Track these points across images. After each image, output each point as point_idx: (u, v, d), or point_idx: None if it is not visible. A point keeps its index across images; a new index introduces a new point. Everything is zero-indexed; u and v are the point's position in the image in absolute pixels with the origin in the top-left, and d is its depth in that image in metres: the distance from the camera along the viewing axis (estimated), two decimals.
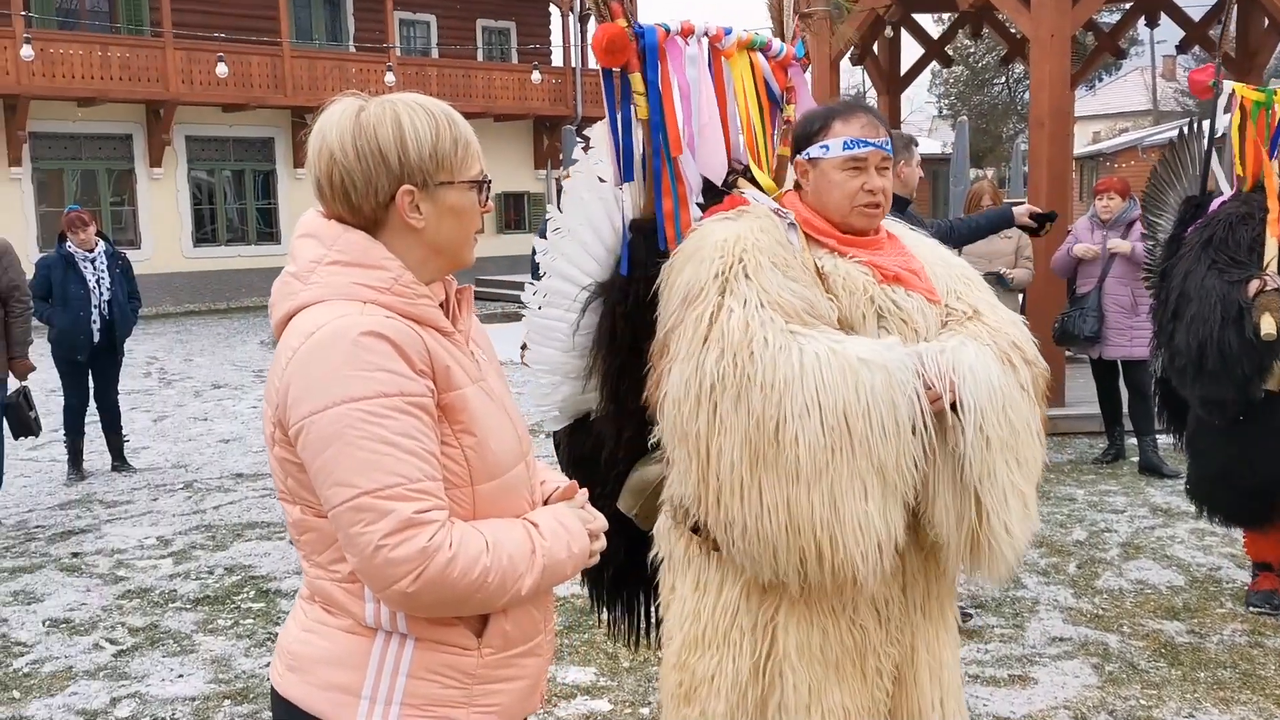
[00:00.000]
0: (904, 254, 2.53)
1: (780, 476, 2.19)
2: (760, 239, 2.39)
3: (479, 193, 1.82)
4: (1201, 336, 4.52)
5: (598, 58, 2.59)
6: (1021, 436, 2.35)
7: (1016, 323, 2.54)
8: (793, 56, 2.94)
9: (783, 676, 2.40)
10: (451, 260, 1.84)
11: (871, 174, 2.45)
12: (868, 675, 2.43)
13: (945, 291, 2.54)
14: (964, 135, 15.36)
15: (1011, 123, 40.50)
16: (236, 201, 23.83)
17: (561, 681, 4.29)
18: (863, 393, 2.19)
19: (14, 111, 19.97)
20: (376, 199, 1.75)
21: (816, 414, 2.17)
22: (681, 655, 2.52)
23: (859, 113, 2.51)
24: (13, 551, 6.25)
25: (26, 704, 4.25)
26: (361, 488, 1.60)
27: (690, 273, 2.39)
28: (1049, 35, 8.33)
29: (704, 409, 2.24)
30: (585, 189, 2.74)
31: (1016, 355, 2.43)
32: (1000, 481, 2.31)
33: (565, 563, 1.81)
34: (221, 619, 5.11)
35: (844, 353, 2.22)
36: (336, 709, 1.73)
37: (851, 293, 2.39)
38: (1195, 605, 5.01)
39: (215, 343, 16.87)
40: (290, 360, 1.68)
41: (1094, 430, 8.21)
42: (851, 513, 2.19)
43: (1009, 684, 4.24)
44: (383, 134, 1.73)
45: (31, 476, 8.17)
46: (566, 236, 2.76)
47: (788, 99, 2.91)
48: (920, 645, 2.50)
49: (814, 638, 2.38)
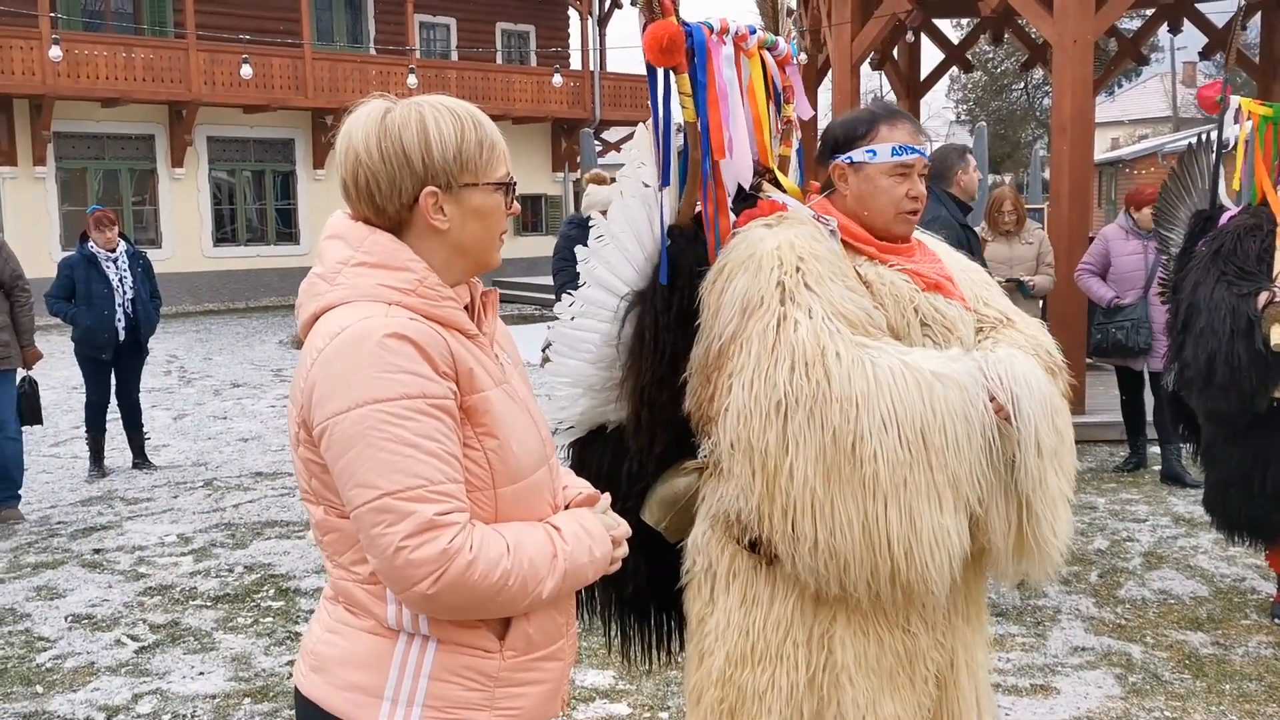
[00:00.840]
0: (937, 261, 2.53)
1: (857, 492, 2.18)
2: (814, 247, 2.36)
3: (504, 194, 1.81)
4: (1210, 349, 4.51)
5: (650, 57, 2.47)
6: (1065, 443, 2.40)
7: (1042, 329, 2.56)
8: (790, 55, 2.91)
9: (840, 688, 2.37)
10: (477, 262, 1.84)
11: (915, 180, 2.45)
12: (916, 682, 2.43)
13: (973, 298, 2.55)
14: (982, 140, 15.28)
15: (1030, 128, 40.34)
16: (256, 202, 23.95)
17: (580, 684, 4.29)
18: (938, 407, 2.20)
19: (39, 111, 20.11)
20: (401, 200, 1.75)
21: (894, 429, 2.17)
22: (727, 671, 2.46)
23: (903, 119, 2.51)
24: (35, 547, 6.29)
25: (49, 699, 4.27)
26: (383, 489, 1.60)
27: (746, 282, 2.34)
28: (1072, 41, 8.30)
29: (775, 424, 2.21)
30: (631, 194, 2.65)
31: (1052, 363, 2.47)
32: (1051, 488, 2.34)
33: (587, 567, 1.81)
34: (241, 617, 5.12)
35: (917, 366, 2.23)
36: (358, 710, 1.73)
37: (897, 301, 2.38)
38: (1219, 616, 4.97)
39: (234, 342, 16.95)
40: (315, 361, 1.68)
41: (1115, 438, 8.16)
42: (929, 526, 2.20)
43: (1031, 693, 4.21)
44: (407, 136, 1.74)
45: (54, 473, 8.22)
46: (610, 243, 2.67)
47: (786, 98, 2.88)
48: (960, 648, 2.51)
49: (870, 648, 2.37)
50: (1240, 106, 4.79)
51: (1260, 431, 4.54)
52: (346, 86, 22.70)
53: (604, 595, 2.92)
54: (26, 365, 6.93)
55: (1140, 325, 7.07)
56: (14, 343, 6.76)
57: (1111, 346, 7.23)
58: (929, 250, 2.57)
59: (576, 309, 2.73)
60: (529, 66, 27.07)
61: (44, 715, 4.13)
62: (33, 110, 20.33)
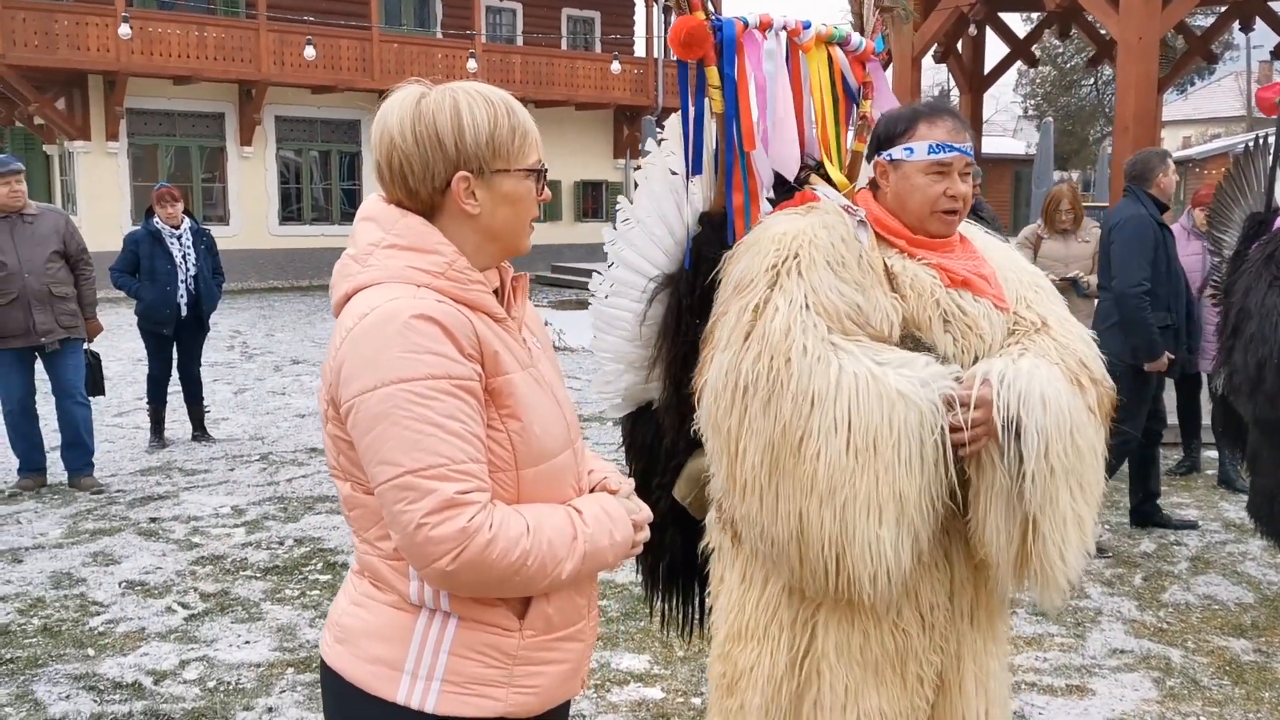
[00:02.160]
0: (975, 258, 2.49)
1: (795, 487, 2.20)
2: (820, 235, 2.37)
3: (535, 181, 1.84)
4: (1261, 355, 4.44)
5: (674, 50, 2.57)
6: (1087, 461, 2.33)
7: (1085, 339, 2.49)
8: (872, 51, 2.90)
9: (819, 674, 2.40)
10: (507, 247, 1.87)
11: (954, 179, 2.41)
12: (908, 681, 2.42)
13: (1015, 299, 2.48)
14: (1048, 136, 15.12)
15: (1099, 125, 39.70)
16: (322, 181, 24.28)
17: (615, 668, 4.34)
18: (895, 424, 2.17)
19: (113, 88, 20.55)
20: (433, 184, 1.78)
21: (844, 433, 2.17)
22: (725, 646, 2.54)
23: (944, 116, 2.46)
24: (94, 514, 6.47)
25: (100, 661, 4.41)
26: (406, 466, 1.64)
27: (745, 263, 2.39)
28: (1136, 38, 8.18)
29: (737, 406, 2.25)
30: (658, 181, 2.74)
31: (1084, 375, 2.38)
32: (1061, 508, 2.28)
33: (607, 550, 1.83)
34: (289, 589, 5.24)
35: (883, 380, 2.20)
36: (379, 681, 1.77)
37: (919, 294, 2.36)
38: (1264, 624, 4.91)
39: (296, 319, 17.22)
40: (344, 340, 1.72)
41: (1170, 441, 8.04)
42: (863, 535, 2.18)
43: (1066, 694, 4.20)
44: (441, 121, 1.77)
45: (116, 443, 8.43)
46: (636, 227, 2.77)
47: (864, 94, 2.88)
48: (966, 654, 2.48)
49: (854, 639, 2.38)
50: None
51: None
52: (413, 69, 22.88)
53: (644, 567, 3.02)
54: (89, 337, 7.11)
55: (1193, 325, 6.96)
56: (80, 314, 6.94)
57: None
58: (971, 247, 2.54)
59: (608, 288, 2.82)
60: (593, 53, 27.12)
61: (94, 677, 4.27)
62: (106, 87, 20.77)
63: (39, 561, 5.63)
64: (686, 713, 3.99)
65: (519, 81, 24.26)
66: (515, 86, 24.18)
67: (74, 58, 19.81)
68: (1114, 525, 6.33)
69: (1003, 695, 2.58)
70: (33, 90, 19.96)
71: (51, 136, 21.67)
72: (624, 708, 4.04)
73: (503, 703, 1.80)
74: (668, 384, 2.72)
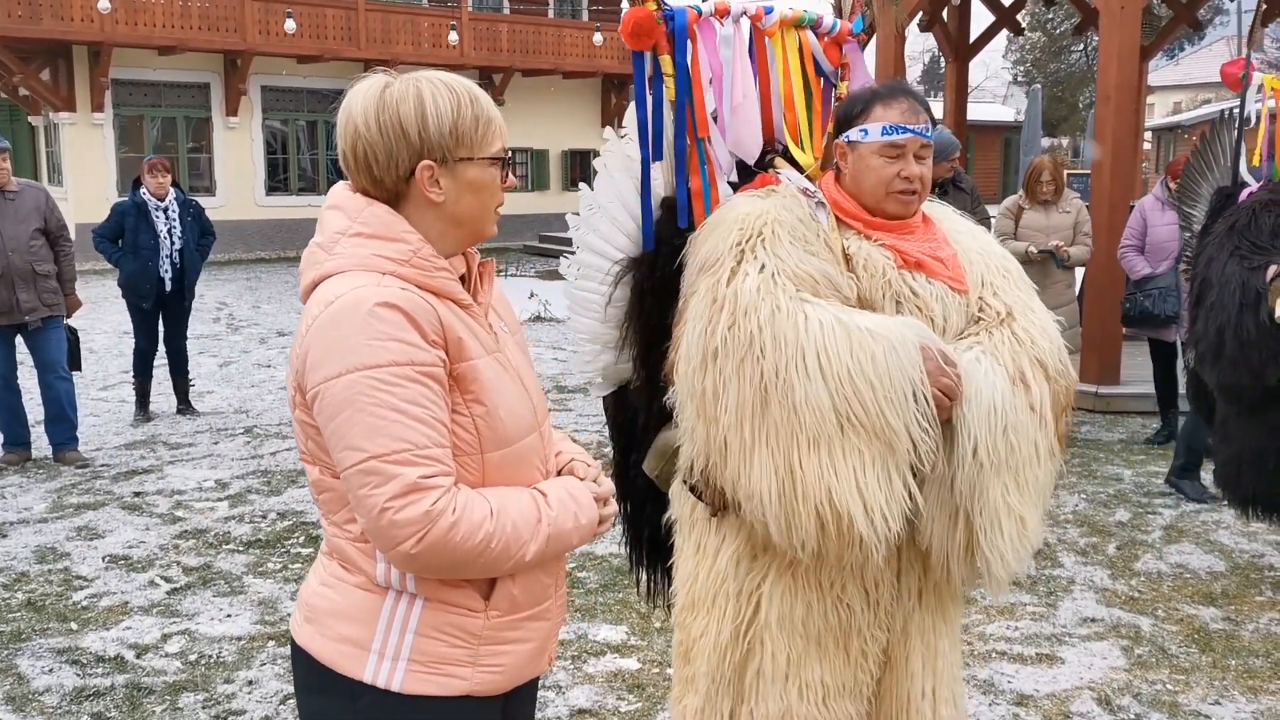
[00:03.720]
0: (934, 240, 2.49)
1: (780, 439, 2.21)
2: (783, 216, 2.40)
3: (500, 169, 1.87)
4: (1220, 322, 4.51)
5: (625, 40, 2.60)
6: (1023, 458, 2.32)
7: (1048, 331, 2.47)
8: (848, 32, 2.90)
9: (762, 644, 2.45)
10: (472, 233, 1.90)
11: (909, 161, 2.42)
12: (851, 655, 2.45)
13: (979, 283, 2.48)
14: (1036, 103, 15.13)
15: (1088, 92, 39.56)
16: (309, 151, 24.17)
17: (592, 639, 4.40)
18: (864, 359, 2.19)
19: (98, 59, 20.39)
20: (397, 173, 1.81)
21: (818, 379, 2.18)
22: (681, 615, 2.61)
23: (900, 97, 2.46)
24: (79, 489, 6.51)
25: (83, 635, 4.46)
26: (370, 452, 1.67)
27: (711, 244, 2.42)
28: (1119, 6, 8.17)
29: (711, 369, 2.27)
30: (617, 167, 2.78)
31: (1037, 371, 2.37)
32: (992, 504, 2.29)
33: (572, 532, 1.87)
34: (271, 562, 5.29)
35: (849, 321, 2.23)
36: (346, 660, 1.82)
37: (872, 275, 2.39)
38: (1234, 592, 4.98)
39: (283, 290, 17.19)
40: (310, 327, 1.76)
41: (1148, 410, 8.12)
42: (850, 478, 2.19)
43: (1035, 662, 4.27)
44: (404, 110, 1.80)
45: (101, 416, 8.46)
46: (598, 212, 2.81)
47: (842, 76, 2.89)
48: (914, 632, 2.52)
49: (797, 610, 2.41)
50: (1263, 83, 4.75)
51: (1273, 406, 4.52)
52: (399, 38, 22.81)
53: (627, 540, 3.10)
54: (68, 313, 7.12)
55: (1168, 294, 7.04)
56: (60, 290, 6.95)
57: (1140, 315, 7.20)
58: (934, 229, 2.54)
59: (575, 271, 2.87)
60: (580, 21, 26.95)
61: (77, 651, 4.32)
62: (91, 57, 20.62)
63: (23, 536, 5.67)
64: (662, 683, 4.05)
65: (506, 50, 24.12)
66: (502, 55, 24.07)
67: (58, 28, 19.64)
68: (1089, 494, 6.40)
69: (951, 674, 2.61)
70: (17, 61, 19.80)
71: (37, 108, 21.52)
72: (600, 678, 4.10)
73: (468, 681, 1.84)
74: (637, 364, 2.77)
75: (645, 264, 2.70)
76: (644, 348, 2.69)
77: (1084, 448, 7.42)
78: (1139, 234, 7.29)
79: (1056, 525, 5.81)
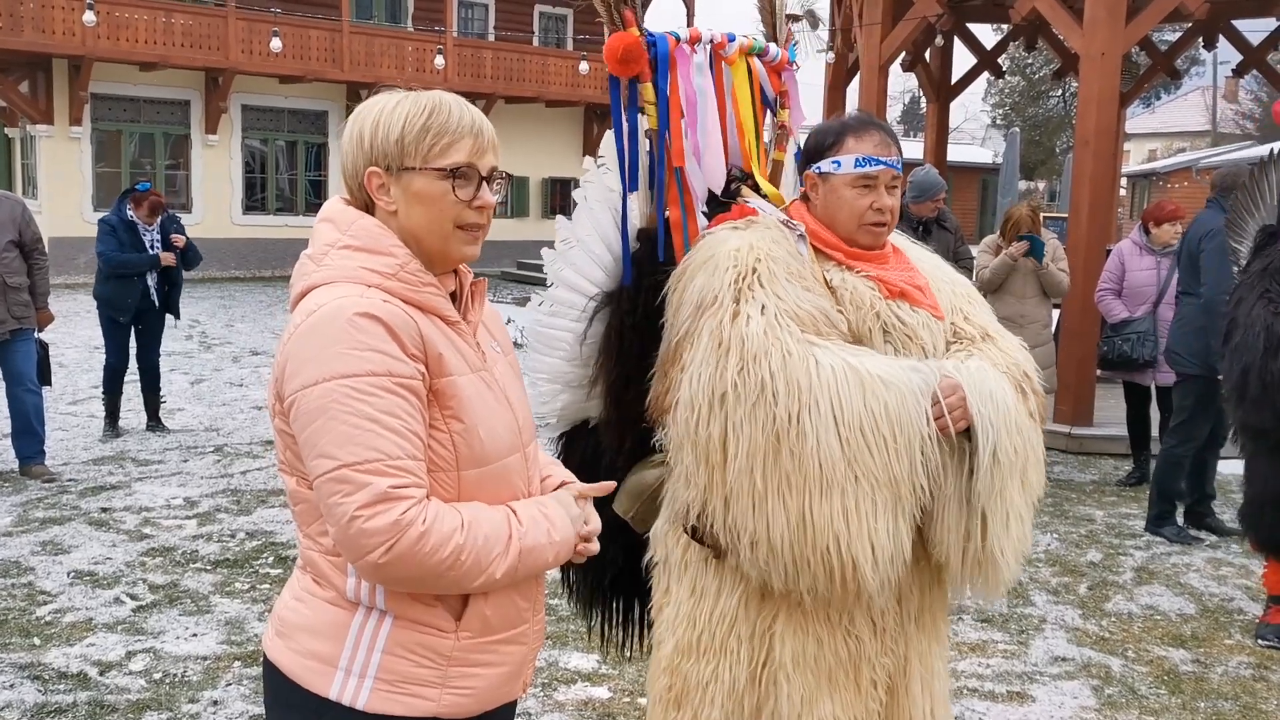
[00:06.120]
0: (909, 269, 2.53)
1: (792, 487, 2.21)
2: (773, 249, 2.40)
3: (452, 182, 1.81)
4: (1245, 363, 4.58)
5: (610, 67, 2.57)
6: (1030, 459, 2.41)
7: (1022, 349, 2.56)
8: (787, 60, 2.93)
9: (777, 685, 2.42)
10: (435, 253, 1.84)
11: (881, 193, 2.44)
12: (862, 686, 2.44)
13: (950, 309, 2.54)
14: (1014, 146, 15.28)
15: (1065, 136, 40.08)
16: (288, 172, 24.11)
17: (563, 666, 4.36)
18: (877, 409, 2.21)
19: (78, 72, 20.30)
20: (357, 180, 1.85)
21: (832, 427, 2.20)
22: (674, 660, 2.53)
23: (872, 130, 2.48)
24: (45, 503, 6.42)
25: (46, 651, 4.38)
26: (342, 460, 1.66)
27: (703, 281, 2.39)
28: (1100, 53, 8.28)
29: (718, 415, 2.25)
30: (597, 199, 2.74)
31: (1026, 384, 2.47)
32: (1007, 502, 2.36)
33: (545, 549, 1.84)
34: (239, 582, 5.23)
35: (861, 368, 2.25)
36: (313, 676, 1.79)
37: (858, 307, 2.39)
38: (1203, 634, 5.00)
39: (257, 310, 17.10)
40: (291, 336, 1.75)
41: (1120, 452, 8.17)
42: (864, 526, 2.21)
43: (1006, 700, 4.26)
44: (365, 118, 1.84)
45: (69, 431, 8.36)
46: (575, 247, 2.75)
47: (782, 103, 2.92)
48: (914, 656, 2.52)
49: (809, 647, 2.40)
50: None
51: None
52: (382, 62, 22.82)
53: (585, 582, 3.00)
54: (40, 327, 7.04)
55: (1146, 338, 7.08)
56: (32, 304, 6.88)
57: (1118, 359, 7.24)
58: (905, 258, 2.58)
59: (547, 309, 2.81)
60: (565, 50, 27.08)
61: (39, 667, 4.24)
62: (71, 71, 20.52)
63: None
64: (632, 713, 4.02)
65: (490, 77, 24.17)
66: (486, 82, 24.12)
67: (39, 40, 19.55)
68: (1061, 534, 6.42)
69: (945, 693, 2.63)
70: None
71: (14, 119, 21.37)
72: (570, 706, 4.06)
73: (435, 703, 1.81)
74: (609, 401, 2.72)
75: (625, 299, 2.65)
76: (620, 384, 2.63)
77: (1057, 488, 7.45)
78: (1117, 278, 7.35)
79: (1029, 564, 5.82)
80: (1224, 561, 6.04)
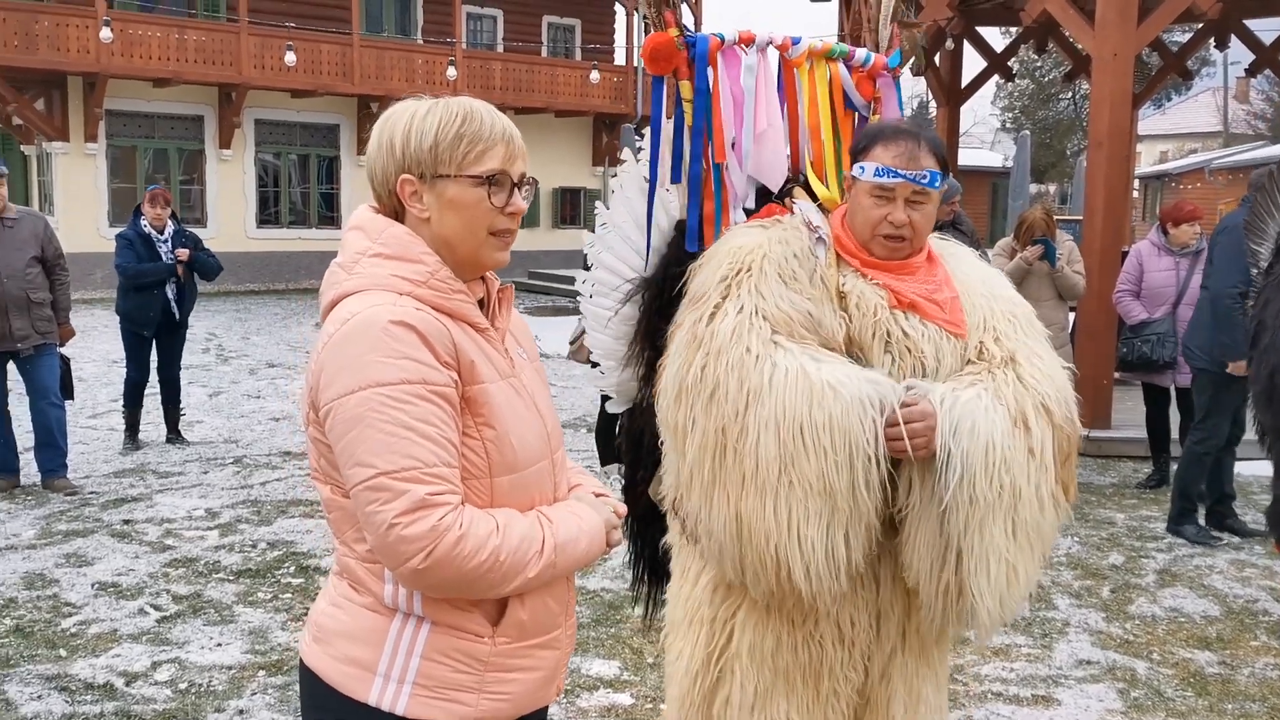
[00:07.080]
0: (934, 281, 2.42)
1: (733, 484, 2.24)
2: (775, 249, 2.39)
3: (488, 189, 1.82)
4: (1271, 365, 4.57)
5: (645, 64, 2.65)
6: (1023, 502, 2.26)
7: (1055, 377, 2.38)
8: (883, 66, 2.90)
9: (732, 673, 2.46)
10: (467, 260, 1.86)
11: (897, 205, 2.34)
12: (822, 692, 2.43)
13: (981, 326, 2.40)
14: (1025, 150, 15.27)
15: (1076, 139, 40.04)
16: (300, 185, 24.22)
17: (585, 673, 4.37)
18: (819, 417, 2.17)
19: (92, 89, 20.43)
20: (388, 188, 1.85)
21: (773, 429, 2.18)
22: (667, 637, 2.66)
23: (902, 139, 2.37)
24: (68, 515, 6.45)
25: (72, 662, 4.41)
26: (379, 468, 1.67)
27: (703, 276, 2.44)
28: (1112, 54, 8.27)
29: (684, 404, 2.31)
30: (633, 187, 2.84)
31: (1040, 417, 2.30)
32: (985, 544, 2.24)
33: (578, 539, 1.86)
34: (261, 592, 5.25)
35: (815, 374, 2.21)
36: (352, 682, 1.80)
37: (863, 314, 2.34)
38: (1229, 636, 4.97)
39: (272, 322, 17.17)
40: (325, 345, 1.76)
41: (1140, 454, 8.14)
42: (795, 529, 2.20)
43: (1031, 704, 4.25)
44: (395, 126, 1.84)
45: (90, 444, 8.40)
46: (614, 232, 2.87)
47: (874, 109, 2.90)
48: (896, 675, 2.48)
49: (767, 642, 2.41)
50: None
51: None
52: (393, 75, 22.92)
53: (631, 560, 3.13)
54: (61, 341, 7.09)
55: (1165, 339, 7.04)
56: (54, 319, 6.93)
57: (1137, 360, 7.20)
58: (937, 270, 2.46)
59: (591, 288, 2.94)
60: (573, 60, 27.16)
61: (65, 678, 4.26)
62: (86, 88, 20.66)
63: (12, 562, 5.61)
64: (654, 718, 4.02)
65: (499, 88, 24.23)
66: (495, 93, 24.17)
67: (54, 58, 19.69)
68: (1082, 537, 6.40)
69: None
70: (11, 90, 19.83)
71: (30, 137, 21.51)
72: (593, 713, 4.07)
73: (473, 708, 1.82)
74: (642, 383, 2.80)
75: (655, 285, 2.73)
76: (649, 368, 2.72)
77: (1077, 490, 7.41)
78: (1135, 279, 7.32)
79: (1051, 568, 5.80)
80: (1247, 563, 6.01)
